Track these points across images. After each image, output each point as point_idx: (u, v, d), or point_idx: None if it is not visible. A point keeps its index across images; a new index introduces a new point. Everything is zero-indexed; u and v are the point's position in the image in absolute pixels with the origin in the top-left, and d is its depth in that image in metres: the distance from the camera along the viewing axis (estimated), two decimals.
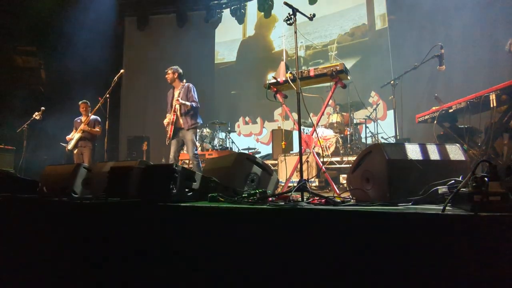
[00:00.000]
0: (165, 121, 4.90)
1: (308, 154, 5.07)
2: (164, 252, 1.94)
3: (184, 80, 5.03)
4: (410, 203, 1.71)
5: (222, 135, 7.97)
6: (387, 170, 1.85)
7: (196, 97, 4.94)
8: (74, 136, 5.99)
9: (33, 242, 2.50)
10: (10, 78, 8.53)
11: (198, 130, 7.68)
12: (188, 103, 4.76)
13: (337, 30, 8.74)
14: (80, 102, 6.07)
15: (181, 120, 4.83)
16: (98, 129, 6.05)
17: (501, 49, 4.00)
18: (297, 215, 1.63)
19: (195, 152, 4.87)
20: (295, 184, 2.21)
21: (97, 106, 5.86)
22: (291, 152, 6.62)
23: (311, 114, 4.28)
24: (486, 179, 1.27)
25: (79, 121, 6.09)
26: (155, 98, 5.29)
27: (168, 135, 4.86)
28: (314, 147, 5.48)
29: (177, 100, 4.75)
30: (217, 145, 7.66)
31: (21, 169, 6.17)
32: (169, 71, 4.99)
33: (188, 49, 10.05)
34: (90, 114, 6.03)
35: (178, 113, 4.82)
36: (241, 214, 1.79)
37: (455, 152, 2.02)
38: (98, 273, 2.16)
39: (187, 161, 7.36)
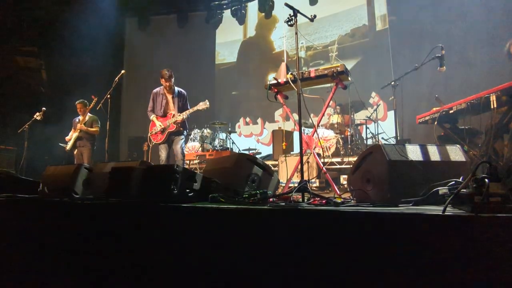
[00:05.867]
0: (159, 126, 4.91)
1: (309, 154, 5.07)
2: (164, 253, 1.94)
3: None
4: (411, 204, 1.71)
5: (222, 135, 7.98)
6: (388, 171, 1.85)
7: None
8: (72, 136, 6.00)
9: (34, 242, 2.51)
10: (11, 78, 8.54)
11: (198, 131, 7.76)
12: (186, 116, 4.87)
13: (337, 31, 8.74)
14: (76, 102, 6.07)
15: (176, 127, 4.90)
16: (95, 129, 6.04)
17: (501, 50, 4.00)
18: (298, 215, 1.64)
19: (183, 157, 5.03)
20: (296, 185, 2.21)
21: (91, 105, 5.88)
22: (291, 152, 6.62)
23: (311, 115, 4.29)
24: (486, 180, 1.28)
25: (77, 120, 6.08)
26: None
27: (160, 139, 4.89)
28: (315, 147, 5.48)
29: (181, 118, 4.82)
30: (218, 146, 7.66)
31: (22, 169, 6.18)
32: (172, 80, 4.92)
33: (188, 49, 10.07)
34: (85, 115, 6.03)
35: (177, 122, 4.89)
36: (242, 214, 1.79)
37: (456, 153, 2.02)
38: (99, 274, 2.16)
39: (187, 162, 7.38)
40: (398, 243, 1.34)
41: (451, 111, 3.52)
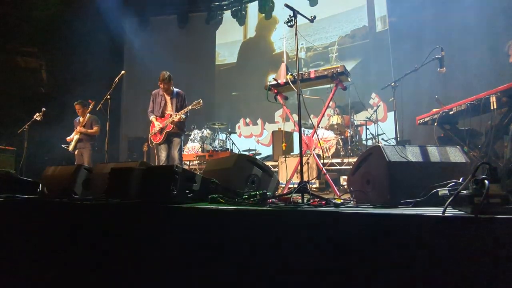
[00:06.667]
0: (158, 126, 4.97)
1: (309, 155, 5.07)
2: (164, 253, 1.94)
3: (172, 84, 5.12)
4: (411, 205, 1.71)
5: (222, 136, 7.98)
6: (388, 172, 1.85)
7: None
8: (74, 137, 6.02)
9: (34, 243, 2.50)
10: (11, 78, 8.54)
11: (198, 131, 7.76)
12: (183, 116, 4.91)
13: (337, 32, 8.75)
14: (75, 103, 6.09)
15: (175, 127, 4.95)
16: (95, 129, 6.05)
17: (501, 51, 4.00)
18: (297, 216, 1.63)
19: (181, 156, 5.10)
20: (296, 186, 2.21)
21: (88, 109, 5.89)
22: (291, 153, 6.62)
23: (311, 116, 4.29)
24: (486, 181, 1.27)
25: (78, 121, 6.11)
26: None
27: (159, 139, 4.96)
28: (315, 148, 5.47)
29: (179, 117, 4.87)
30: (218, 146, 7.66)
31: (21, 170, 6.17)
32: (170, 82, 4.99)
33: (189, 50, 10.07)
34: (85, 115, 6.04)
35: (174, 122, 4.95)
36: (242, 215, 1.79)
37: (456, 154, 2.02)
38: (98, 274, 2.16)
39: (187, 162, 7.37)
40: (398, 244, 1.34)
41: (451, 112, 3.52)
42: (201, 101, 4.92)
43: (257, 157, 7.47)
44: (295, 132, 7.27)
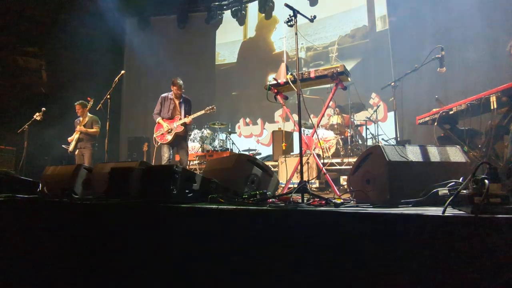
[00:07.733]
0: (166, 127, 5.16)
1: (309, 155, 5.07)
2: (164, 253, 1.94)
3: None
4: (410, 205, 1.71)
5: (222, 136, 7.98)
6: (388, 172, 1.85)
7: None
8: (74, 137, 6.02)
9: (33, 242, 2.50)
10: (11, 78, 8.54)
11: (198, 131, 7.78)
12: (192, 118, 5.19)
13: (337, 31, 8.74)
14: (75, 103, 6.12)
15: (184, 129, 5.22)
16: (95, 129, 6.06)
17: (501, 50, 4.00)
18: (298, 216, 1.63)
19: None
20: (296, 186, 2.21)
21: (88, 107, 5.93)
22: (291, 153, 6.62)
23: (311, 116, 4.28)
24: (486, 181, 1.27)
25: (78, 122, 6.12)
26: (156, 99, 5.43)
27: (166, 139, 5.15)
28: (315, 148, 5.48)
29: (191, 120, 5.21)
30: (218, 146, 7.66)
31: (21, 170, 6.17)
32: (181, 89, 5.23)
33: (189, 50, 10.07)
34: (85, 115, 6.05)
35: (184, 123, 5.20)
36: (241, 215, 1.79)
37: (456, 154, 2.02)
38: (98, 274, 2.16)
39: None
40: (398, 244, 1.34)
41: (451, 112, 3.52)
42: (215, 107, 5.25)
43: (257, 157, 7.47)
44: (295, 132, 7.26)
